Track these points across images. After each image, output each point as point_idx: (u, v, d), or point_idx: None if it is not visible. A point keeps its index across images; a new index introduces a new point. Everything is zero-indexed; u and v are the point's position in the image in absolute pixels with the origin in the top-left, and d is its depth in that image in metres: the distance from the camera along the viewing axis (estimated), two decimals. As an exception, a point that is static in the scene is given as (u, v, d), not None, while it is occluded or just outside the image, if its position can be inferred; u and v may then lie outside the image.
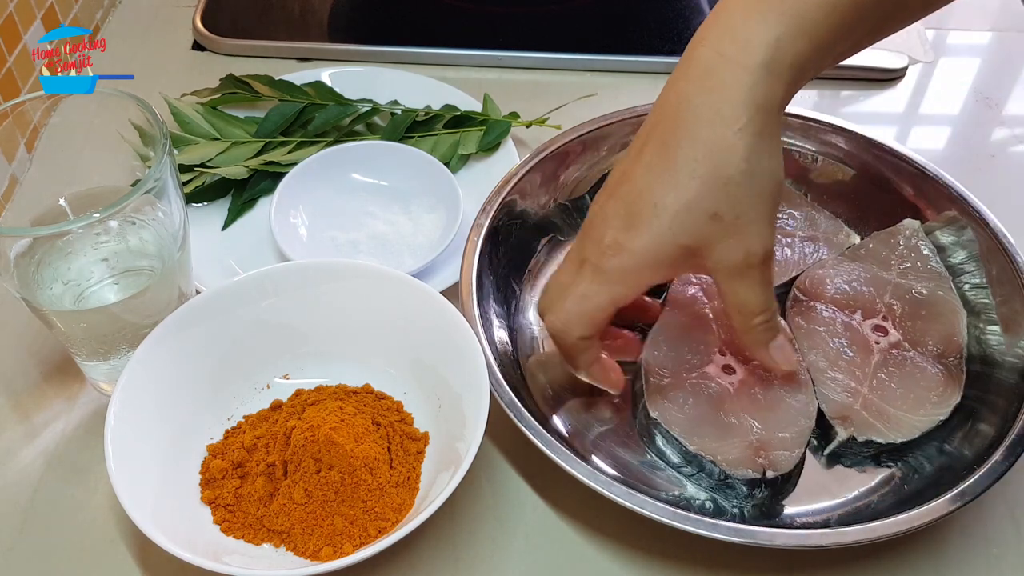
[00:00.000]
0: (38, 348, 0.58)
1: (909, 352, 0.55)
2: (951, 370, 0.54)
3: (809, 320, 0.56)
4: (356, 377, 0.55)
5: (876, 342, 0.55)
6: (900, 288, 0.58)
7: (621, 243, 0.46)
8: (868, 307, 0.57)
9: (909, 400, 0.53)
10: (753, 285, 0.47)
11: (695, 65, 0.46)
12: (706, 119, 0.44)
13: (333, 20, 0.85)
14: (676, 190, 0.45)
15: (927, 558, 0.50)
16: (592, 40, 0.81)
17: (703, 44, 0.46)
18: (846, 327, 0.56)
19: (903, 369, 0.54)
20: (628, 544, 0.50)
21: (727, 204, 0.44)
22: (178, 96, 0.70)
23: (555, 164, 0.63)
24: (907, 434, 0.51)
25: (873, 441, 0.51)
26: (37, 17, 0.72)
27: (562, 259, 0.50)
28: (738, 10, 0.45)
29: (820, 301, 0.57)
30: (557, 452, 0.48)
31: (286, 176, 0.64)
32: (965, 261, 0.59)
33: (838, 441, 0.52)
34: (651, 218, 0.45)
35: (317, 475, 0.48)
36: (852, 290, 0.58)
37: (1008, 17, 0.87)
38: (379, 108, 0.71)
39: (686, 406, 0.52)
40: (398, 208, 0.66)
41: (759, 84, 0.44)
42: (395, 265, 0.61)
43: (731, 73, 0.44)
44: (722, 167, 0.44)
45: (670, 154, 0.45)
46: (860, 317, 0.56)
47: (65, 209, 0.52)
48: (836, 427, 0.52)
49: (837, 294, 0.57)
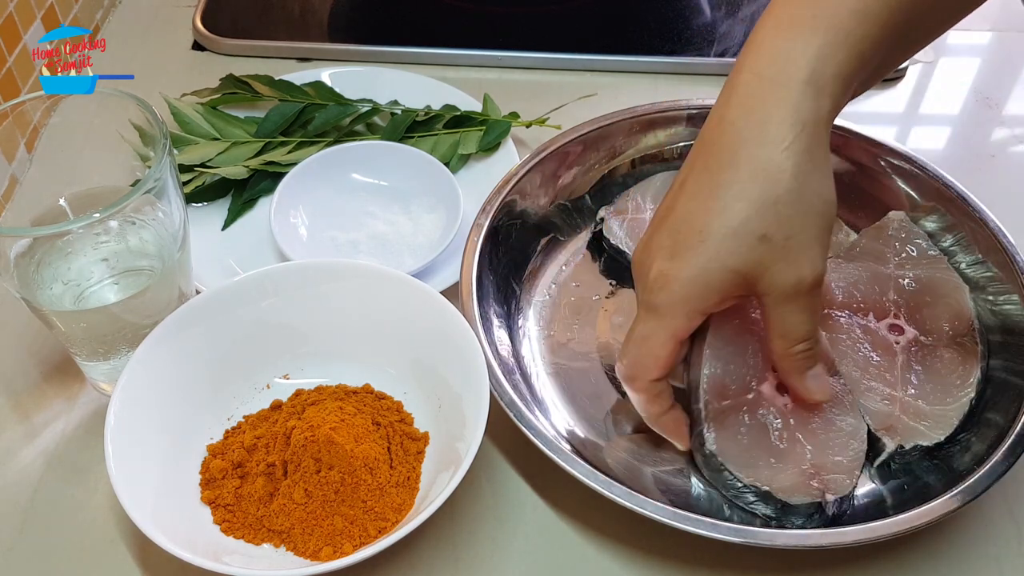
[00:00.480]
0: (38, 348, 0.58)
1: (927, 343, 0.55)
2: (966, 347, 0.54)
3: (829, 329, 0.55)
4: (356, 377, 0.55)
5: (896, 342, 0.55)
6: (902, 280, 0.58)
7: (667, 274, 0.45)
8: (878, 307, 0.56)
9: (938, 392, 0.52)
10: (801, 311, 0.45)
11: (736, 92, 0.45)
12: (751, 140, 0.43)
13: (333, 20, 0.85)
14: (723, 214, 0.43)
15: (927, 558, 0.50)
16: (592, 40, 0.81)
17: (742, 71, 0.45)
18: (865, 331, 0.55)
19: (926, 363, 0.54)
20: (628, 544, 0.50)
21: (777, 225, 0.43)
22: (178, 96, 0.70)
23: (555, 164, 0.63)
24: (946, 429, 0.51)
25: (920, 445, 0.51)
26: (37, 17, 0.72)
27: (561, 259, 0.50)
28: (771, 32, 0.44)
29: (833, 308, 0.56)
30: (557, 452, 0.48)
31: (286, 176, 0.64)
32: (954, 244, 0.60)
33: (888, 453, 0.51)
34: (697, 244, 0.44)
35: (317, 475, 0.48)
36: (859, 292, 0.57)
37: (1008, 17, 0.87)
38: (379, 108, 0.71)
39: (741, 436, 0.50)
40: (398, 208, 0.66)
41: (804, 100, 0.43)
42: (395, 265, 0.61)
43: (773, 93, 0.43)
44: (770, 187, 0.42)
45: (714, 178, 0.44)
46: (873, 319, 0.56)
47: (65, 209, 0.52)
48: (883, 439, 0.51)
49: (847, 298, 0.57)
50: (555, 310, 0.60)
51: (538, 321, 0.59)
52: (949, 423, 0.51)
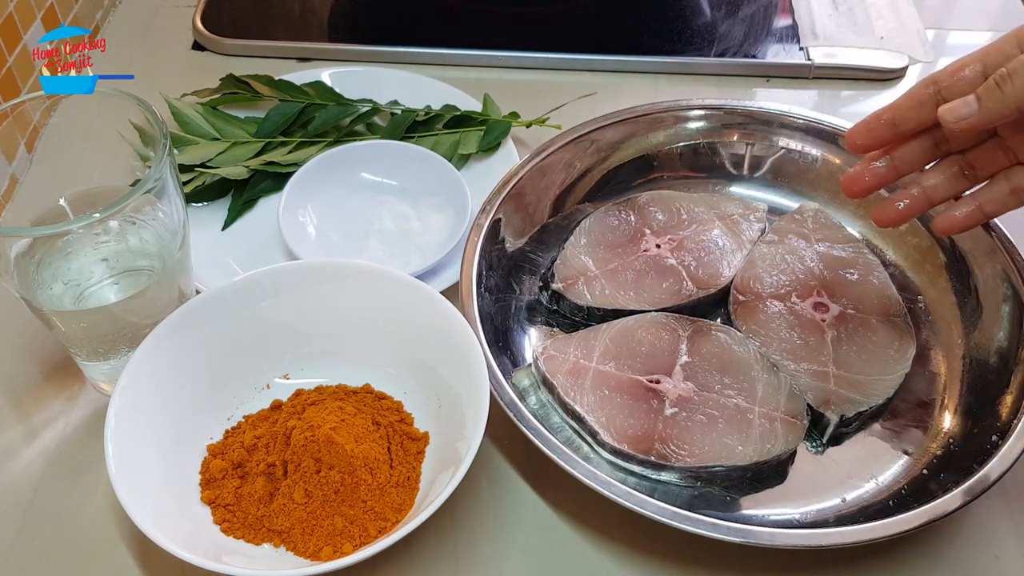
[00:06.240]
0: (38, 348, 0.58)
1: (855, 315, 0.57)
2: (899, 326, 0.56)
3: (758, 322, 0.57)
4: (356, 377, 0.55)
5: (822, 319, 0.57)
6: (824, 257, 0.60)
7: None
8: (802, 287, 0.59)
9: (873, 363, 0.55)
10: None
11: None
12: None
13: (333, 20, 0.85)
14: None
15: (927, 558, 0.50)
16: (592, 40, 0.81)
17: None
18: (793, 314, 0.57)
19: (856, 336, 0.56)
20: (628, 544, 0.50)
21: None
22: (178, 96, 0.70)
23: (555, 164, 0.63)
24: (884, 393, 0.54)
25: (861, 412, 0.53)
26: (37, 17, 0.72)
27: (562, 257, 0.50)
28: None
29: (760, 297, 0.58)
30: (557, 452, 0.48)
31: (295, 174, 0.64)
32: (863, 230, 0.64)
33: (833, 425, 0.52)
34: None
35: (317, 475, 0.48)
36: (783, 275, 0.59)
37: (1008, 17, 0.87)
38: (379, 108, 0.71)
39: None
40: (407, 207, 0.66)
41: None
42: (401, 264, 0.61)
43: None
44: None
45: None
46: (797, 299, 0.58)
47: (65, 209, 0.52)
48: (825, 413, 0.53)
49: (770, 283, 0.59)
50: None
51: (536, 327, 0.59)
52: (888, 389, 0.54)
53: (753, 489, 0.51)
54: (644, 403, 0.52)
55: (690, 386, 0.53)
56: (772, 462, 0.51)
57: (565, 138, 0.64)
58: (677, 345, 0.55)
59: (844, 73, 0.78)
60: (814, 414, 0.53)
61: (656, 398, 0.52)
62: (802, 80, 0.79)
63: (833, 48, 0.79)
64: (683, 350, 0.54)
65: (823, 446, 0.53)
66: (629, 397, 0.52)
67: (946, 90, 0.48)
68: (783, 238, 0.61)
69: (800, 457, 0.52)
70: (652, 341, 0.55)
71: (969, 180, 0.51)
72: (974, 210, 0.51)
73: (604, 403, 0.52)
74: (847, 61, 0.78)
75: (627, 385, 0.53)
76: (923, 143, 0.51)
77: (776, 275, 0.59)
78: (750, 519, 0.50)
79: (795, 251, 0.60)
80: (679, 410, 0.52)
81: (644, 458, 0.50)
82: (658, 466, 0.50)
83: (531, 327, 0.59)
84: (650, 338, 0.55)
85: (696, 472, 0.50)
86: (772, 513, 0.50)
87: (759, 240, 0.62)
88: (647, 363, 0.54)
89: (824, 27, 0.82)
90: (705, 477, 0.50)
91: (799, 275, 0.59)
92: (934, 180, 0.51)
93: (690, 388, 0.53)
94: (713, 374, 0.53)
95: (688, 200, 0.64)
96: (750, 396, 0.52)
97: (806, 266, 0.60)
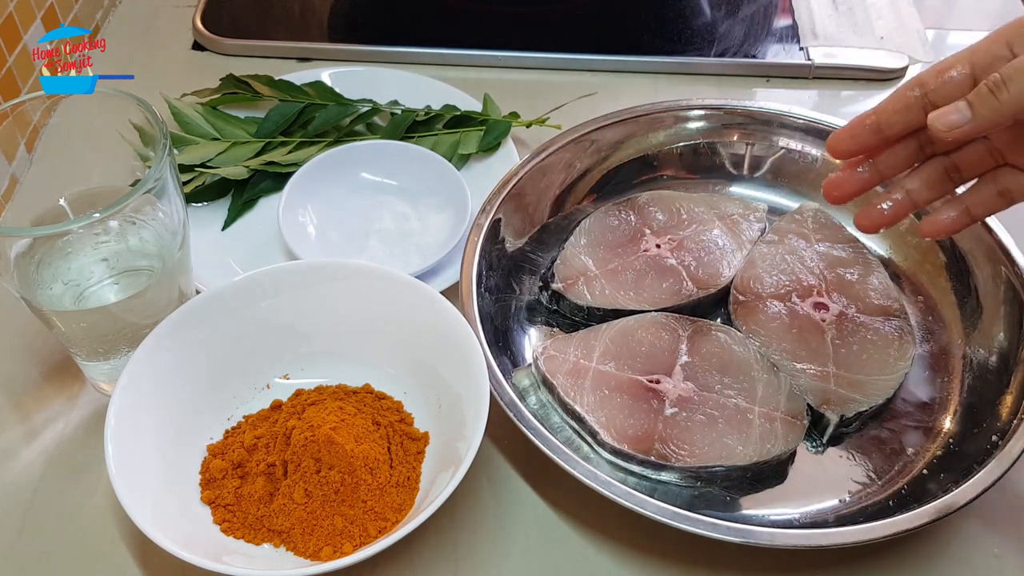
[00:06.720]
0: (38, 348, 0.58)
1: (856, 316, 0.57)
2: (900, 326, 0.56)
3: (758, 322, 0.57)
4: (356, 377, 0.55)
5: (823, 319, 0.57)
6: (824, 257, 0.60)
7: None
8: (801, 287, 0.58)
9: (873, 363, 0.55)
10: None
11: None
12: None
13: (333, 20, 0.85)
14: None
15: (927, 558, 0.50)
16: (592, 40, 0.81)
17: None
18: (793, 314, 0.57)
19: (856, 336, 0.56)
20: (628, 544, 0.50)
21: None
22: (178, 96, 0.70)
23: (555, 164, 0.63)
24: (884, 393, 0.54)
25: (861, 412, 0.53)
26: (37, 17, 0.72)
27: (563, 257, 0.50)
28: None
29: (760, 297, 0.58)
30: (557, 452, 0.48)
31: (295, 174, 0.64)
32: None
33: (833, 425, 0.52)
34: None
35: (317, 475, 0.48)
36: (783, 275, 0.59)
37: (1008, 17, 0.86)
38: (379, 108, 0.71)
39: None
40: (407, 207, 0.66)
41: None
42: (401, 264, 0.61)
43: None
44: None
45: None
46: (798, 299, 0.58)
47: (65, 209, 0.52)
48: (825, 413, 0.52)
49: (770, 283, 0.59)
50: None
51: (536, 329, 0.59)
52: (887, 389, 0.54)
53: (753, 489, 0.51)
54: (644, 403, 0.52)
55: (690, 386, 0.53)
56: (772, 462, 0.51)
57: (565, 138, 0.64)
58: (677, 345, 0.55)
59: (844, 73, 0.79)
60: (814, 414, 0.53)
61: (656, 398, 0.52)
62: (802, 80, 0.79)
63: (833, 48, 0.79)
64: (683, 350, 0.54)
65: (823, 446, 0.53)
66: (629, 397, 0.52)
67: (933, 93, 0.46)
68: (783, 238, 0.61)
69: (800, 457, 0.53)
70: (652, 341, 0.55)
71: (954, 182, 0.49)
72: (961, 213, 0.49)
73: (604, 403, 0.52)
74: (847, 61, 0.78)
75: (627, 385, 0.53)
76: (907, 146, 0.49)
77: (776, 275, 0.59)
78: (750, 519, 0.50)
79: (795, 251, 0.61)
80: (679, 410, 0.52)
81: (644, 458, 0.50)
82: (658, 466, 0.50)
83: (531, 327, 0.59)
84: (650, 338, 0.55)
85: (696, 472, 0.50)
86: (772, 513, 0.50)
87: (759, 240, 0.62)
88: (647, 363, 0.54)
89: (824, 27, 0.82)
90: (705, 477, 0.50)
91: (799, 275, 0.59)
92: (918, 183, 0.50)
93: (690, 388, 0.53)
94: (713, 374, 0.53)
95: (688, 200, 0.64)
96: (750, 396, 0.52)
97: (806, 266, 0.60)
